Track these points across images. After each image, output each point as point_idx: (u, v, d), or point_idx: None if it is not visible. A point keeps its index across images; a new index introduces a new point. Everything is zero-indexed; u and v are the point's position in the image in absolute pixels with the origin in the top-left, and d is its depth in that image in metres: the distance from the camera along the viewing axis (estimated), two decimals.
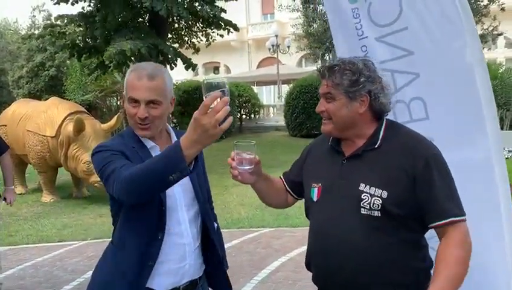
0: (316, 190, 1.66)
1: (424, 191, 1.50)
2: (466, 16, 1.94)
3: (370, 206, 1.51)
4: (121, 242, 1.68)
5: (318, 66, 1.68)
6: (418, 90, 2.05)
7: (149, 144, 1.69)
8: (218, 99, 1.26)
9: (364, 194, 1.53)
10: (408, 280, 1.56)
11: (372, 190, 1.52)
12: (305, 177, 1.76)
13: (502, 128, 12.60)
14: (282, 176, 1.91)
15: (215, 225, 1.90)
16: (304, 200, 1.78)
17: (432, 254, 1.61)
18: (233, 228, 6.10)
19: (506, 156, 7.11)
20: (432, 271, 1.57)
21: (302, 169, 1.80)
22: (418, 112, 2.06)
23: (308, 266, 1.74)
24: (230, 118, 1.28)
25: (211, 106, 1.26)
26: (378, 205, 1.50)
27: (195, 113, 1.26)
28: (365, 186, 1.54)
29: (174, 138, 1.76)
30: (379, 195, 1.51)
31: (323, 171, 1.67)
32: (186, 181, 1.68)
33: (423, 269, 1.60)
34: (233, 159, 1.58)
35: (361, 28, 2.16)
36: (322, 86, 1.62)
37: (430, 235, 1.62)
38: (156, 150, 1.68)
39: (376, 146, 1.58)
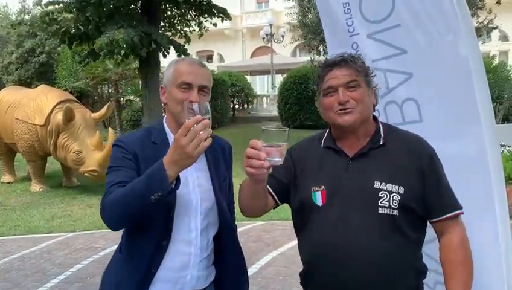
0: (319, 193, 1.54)
1: (432, 186, 1.51)
2: (460, 8, 1.88)
3: (389, 204, 1.47)
4: (127, 250, 1.64)
5: (312, 57, 1.63)
6: (411, 91, 1.98)
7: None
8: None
9: (382, 191, 1.47)
10: (416, 282, 1.56)
11: (389, 187, 1.48)
12: (300, 181, 1.60)
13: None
14: None
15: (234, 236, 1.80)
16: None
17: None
18: None
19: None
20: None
21: (292, 172, 1.63)
22: (411, 113, 2.00)
23: (308, 279, 1.59)
24: (210, 139, 1.29)
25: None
26: (397, 202, 1.47)
27: (176, 134, 1.30)
28: (380, 183, 1.48)
29: None
30: (397, 191, 1.47)
31: (323, 174, 1.56)
32: (207, 188, 1.65)
33: (424, 272, 1.60)
34: (253, 148, 1.29)
35: (352, 24, 2.09)
36: (339, 76, 1.53)
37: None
38: None
39: (381, 143, 1.56)
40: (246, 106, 20.59)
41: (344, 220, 1.49)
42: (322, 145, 1.63)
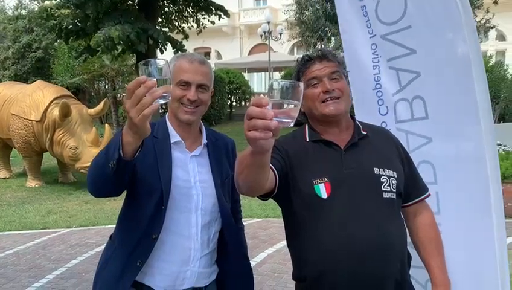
0: (322, 186, 1.46)
1: (410, 172, 1.64)
2: (465, 10, 1.93)
3: (390, 188, 1.51)
4: (115, 238, 1.67)
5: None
6: (418, 89, 2.06)
7: (175, 138, 1.63)
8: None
9: (383, 177, 1.51)
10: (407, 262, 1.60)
11: (387, 172, 1.52)
12: (297, 175, 1.50)
13: None
14: None
15: (237, 236, 1.79)
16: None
17: None
18: None
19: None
20: None
21: (285, 163, 1.50)
22: (419, 111, 2.07)
23: (321, 278, 1.46)
24: (156, 105, 1.12)
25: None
26: (395, 186, 1.52)
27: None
28: (379, 169, 1.51)
29: (204, 136, 1.71)
30: (393, 175, 1.53)
31: (321, 166, 1.50)
32: (209, 184, 1.65)
33: None
34: (257, 106, 0.97)
35: (370, 26, 2.18)
36: (322, 68, 1.56)
37: None
38: (180, 146, 1.63)
39: (365, 134, 1.60)
40: (243, 103, 20.56)
41: (355, 210, 1.45)
42: (307, 140, 1.59)
